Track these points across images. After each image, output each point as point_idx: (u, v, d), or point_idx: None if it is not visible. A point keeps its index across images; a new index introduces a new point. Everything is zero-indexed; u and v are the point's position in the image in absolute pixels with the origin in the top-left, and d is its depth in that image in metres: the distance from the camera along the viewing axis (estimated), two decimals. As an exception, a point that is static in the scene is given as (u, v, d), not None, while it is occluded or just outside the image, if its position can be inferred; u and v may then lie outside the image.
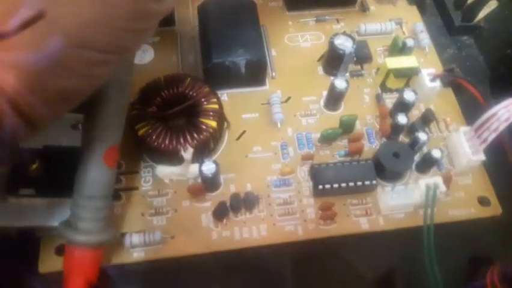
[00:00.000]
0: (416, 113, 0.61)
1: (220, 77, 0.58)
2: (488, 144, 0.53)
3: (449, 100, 0.62)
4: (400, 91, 0.57)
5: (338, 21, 0.68)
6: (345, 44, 0.59)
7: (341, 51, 0.59)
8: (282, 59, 0.64)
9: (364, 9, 0.69)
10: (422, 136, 0.54)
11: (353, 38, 0.60)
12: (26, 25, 0.25)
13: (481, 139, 0.54)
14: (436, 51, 0.67)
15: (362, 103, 0.61)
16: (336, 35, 0.60)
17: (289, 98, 0.61)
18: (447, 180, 0.54)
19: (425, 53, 0.66)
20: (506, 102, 0.52)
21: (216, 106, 0.54)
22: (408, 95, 0.57)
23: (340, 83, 0.56)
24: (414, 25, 0.68)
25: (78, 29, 0.27)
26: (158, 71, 0.58)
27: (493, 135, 0.52)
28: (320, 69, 0.64)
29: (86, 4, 0.27)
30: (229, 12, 0.60)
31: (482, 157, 0.54)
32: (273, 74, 0.62)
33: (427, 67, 0.62)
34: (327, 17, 0.68)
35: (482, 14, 0.71)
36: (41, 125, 0.28)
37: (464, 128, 0.56)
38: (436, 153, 0.53)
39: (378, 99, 0.61)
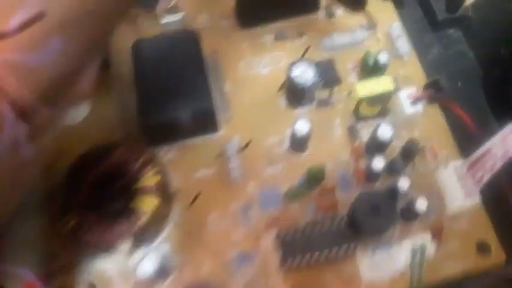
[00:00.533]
0: (396, 143, 0.52)
1: (162, 133, 0.50)
2: (484, 183, 0.45)
3: (436, 121, 0.53)
4: (374, 128, 0.48)
5: (300, 34, 0.58)
6: (304, 76, 0.50)
7: (299, 87, 0.49)
8: (238, 94, 0.55)
9: (329, 14, 0.59)
10: (402, 184, 0.46)
11: (314, 65, 0.50)
12: (26, 25, 0.26)
13: (476, 178, 0.45)
14: (418, 55, 0.57)
15: (333, 138, 0.52)
16: (293, 64, 0.50)
17: (249, 142, 0.52)
18: (437, 233, 0.46)
19: (403, 62, 0.56)
20: (503, 132, 0.43)
21: (158, 178, 0.45)
22: (384, 132, 0.48)
23: (300, 127, 0.48)
24: (390, 28, 0.57)
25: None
26: (93, 132, 0.50)
27: (489, 175, 0.44)
28: (283, 102, 0.54)
29: None
30: (169, 50, 0.51)
31: (477, 199, 0.46)
32: (228, 114, 0.53)
33: (407, 82, 0.52)
34: (285, 32, 0.57)
35: (469, 1, 0.60)
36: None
37: (455, 164, 0.48)
38: (421, 205, 0.45)
39: (351, 132, 0.52)
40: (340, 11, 0.60)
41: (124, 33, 0.58)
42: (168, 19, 0.56)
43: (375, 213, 0.45)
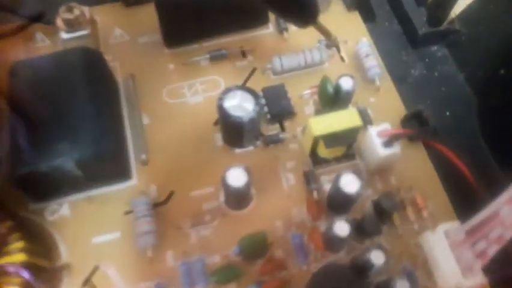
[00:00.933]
0: (367, 193, 0.38)
1: (44, 186, 0.36)
2: (488, 259, 0.31)
3: (420, 162, 0.40)
4: (335, 177, 0.35)
5: (243, 54, 0.45)
6: (243, 106, 0.36)
7: (237, 120, 0.36)
8: (160, 128, 0.41)
9: (280, 29, 0.46)
10: (375, 258, 0.32)
11: (254, 95, 0.37)
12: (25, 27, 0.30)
13: (477, 251, 0.31)
14: (395, 79, 0.44)
15: (284, 188, 0.39)
16: (227, 91, 0.37)
17: (171, 194, 0.38)
18: None
19: (375, 87, 0.43)
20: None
21: (21, 257, 0.31)
22: (348, 182, 0.34)
23: (234, 179, 0.34)
24: (358, 45, 0.44)
25: None
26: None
27: (495, 248, 0.30)
28: (219, 139, 0.41)
29: None
30: (56, 75, 0.38)
31: (479, 280, 0.32)
32: (143, 156, 0.39)
33: (380, 112, 0.39)
34: (224, 51, 0.44)
35: (455, 12, 0.47)
36: None
37: (446, 226, 0.34)
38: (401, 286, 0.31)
39: (308, 179, 0.39)
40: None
41: (16, 51, 0.44)
42: (70, 35, 0.42)
43: (337, 300, 0.32)
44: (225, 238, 0.37)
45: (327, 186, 0.39)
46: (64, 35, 0.43)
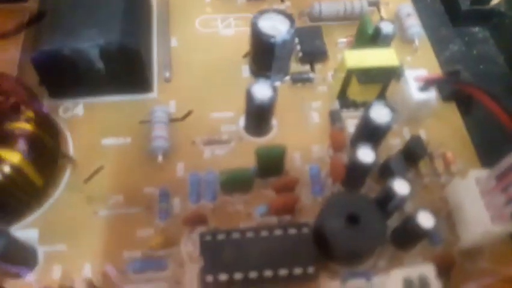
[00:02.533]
0: (395, 143, 0.36)
1: (59, 76, 0.34)
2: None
3: (452, 122, 0.38)
4: (366, 108, 0.33)
5: (282, -1, 0.44)
6: (278, 28, 0.35)
7: (270, 41, 0.34)
8: (187, 52, 0.40)
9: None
10: (400, 187, 0.29)
11: (290, 19, 0.35)
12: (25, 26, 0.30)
13: (509, 195, 0.29)
14: (433, 47, 0.43)
15: (308, 124, 0.37)
16: (262, 12, 0.36)
17: (190, 112, 0.36)
18: (444, 269, 0.29)
19: (413, 47, 0.41)
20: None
21: (29, 127, 0.29)
22: (379, 113, 0.32)
23: (260, 92, 0.32)
24: (398, 6, 0.43)
25: None
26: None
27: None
28: (245, 70, 0.39)
29: None
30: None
31: (510, 227, 0.29)
32: (167, 74, 0.38)
33: (416, 68, 0.37)
34: (264, -7, 0.43)
35: (502, -5, 0.46)
36: None
37: (477, 172, 0.32)
38: (426, 221, 0.29)
39: (333, 118, 0.37)
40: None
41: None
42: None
43: (352, 225, 0.29)
44: (240, 161, 0.35)
45: (352, 129, 0.37)
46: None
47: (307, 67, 0.40)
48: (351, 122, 0.38)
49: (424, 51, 0.43)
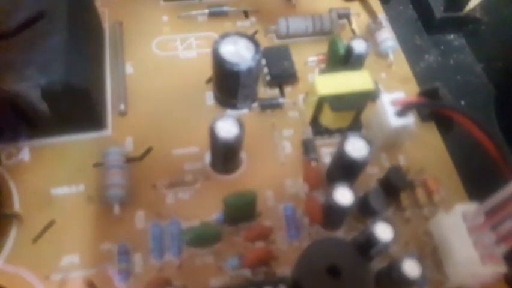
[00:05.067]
0: (373, 171, 0.33)
1: (7, 120, 0.30)
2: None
3: (432, 143, 0.36)
4: (341, 140, 0.30)
5: (246, 14, 0.40)
6: (241, 54, 0.32)
7: (233, 68, 0.31)
8: (144, 80, 0.37)
9: (290, -6, 0.42)
10: (383, 232, 0.27)
11: (255, 42, 0.32)
12: (25, 25, 0.28)
13: (499, 234, 0.27)
14: (408, 59, 0.40)
15: (279, 156, 0.34)
16: (224, 36, 0.32)
17: (149, 149, 0.33)
18: None
19: (388, 62, 0.39)
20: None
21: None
22: (355, 146, 0.29)
23: (225, 128, 0.29)
24: (371, 18, 0.40)
25: None
26: None
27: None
28: (209, 97, 0.36)
29: None
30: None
31: (501, 268, 0.27)
32: (122, 107, 0.34)
33: (391, 89, 0.35)
34: (225, 8, 0.39)
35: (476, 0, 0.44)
36: None
37: (463, 207, 0.29)
38: (412, 270, 0.26)
39: (306, 149, 0.34)
40: (304, -9, 0.43)
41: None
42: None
43: (334, 278, 0.26)
44: (207, 203, 0.32)
45: (327, 159, 0.34)
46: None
47: (276, 90, 0.37)
48: (325, 151, 0.35)
49: (399, 66, 0.40)
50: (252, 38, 0.33)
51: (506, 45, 0.42)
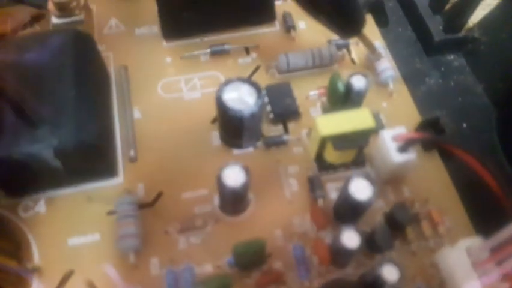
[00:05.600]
0: (378, 205, 0.34)
1: (14, 178, 0.32)
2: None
3: (435, 173, 0.37)
4: (345, 183, 0.31)
5: (247, 50, 0.41)
6: (244, 99, 0.33)
7: (237, 115, 0.32)
8: (152, 124, 0.37)
9: (288, 27, 0.43)
10: (390, 274, 0.28)
11: (257, 88, 0.33)
12: (25, 26, 0.29)
13: (504, 270, 0.27)
14: (408, 85, 0.41)
15: (286, 194, 0.35)
16: (227, 82, 0.33)
17: (159, 195, 0.34)
18: None
19: (388, 91, 0.39)
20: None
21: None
22: (359, 189, 0.30)
23: (231, 178, 0.30)
24: (370, 47, 0.41)
25: None
26: None
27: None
28: (215, 137, 0.37)
29: None
30: (40, 56, 0.34)
31: (506, 304, 0.28)
32: (132, 153, 0.35)
33: (394, 119, 0.36)
34: (226, 47, 0.40)
35: (474, 19, 0.44)
36: None
37: (468, 242, 0.30)
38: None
39: (313, 186, 0.35)
40: (303, 23, 0.44)
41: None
42: (62, 20, 0.39)
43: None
44: (218, 246, 0.33)
45: (333, 195, 0.35)
46: (55, 20, 0.40)
47: (280, 127, 0.38)
48: (332, 186, 0.36)
49: (400, 94, 0.41)
50: (253, 83, 0.34)
51: (506, 65, 0.42)
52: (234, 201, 0.33)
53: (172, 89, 0.40)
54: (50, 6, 0.40)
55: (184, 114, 0.39)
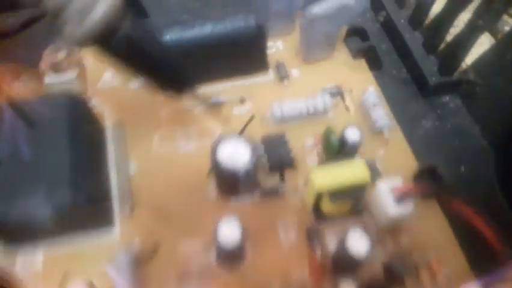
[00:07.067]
0: (378, 257, 0.34)
1: (10, 236, 0.32)
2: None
3: (434, 221, 0.36)
4: (342, 236, 0.30)
5: (242, 100, 0.42)
6: (239, 156, 0.33)
7: (232, 173, 0.32)
8: (148, 177, 0.38)
9: (281, 76, 0.43)
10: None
11: (251, 144, 0.33)
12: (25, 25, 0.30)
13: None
14: (404, 128, 0.41)
15: (284, 245, 0.35)
16: (221, 140, 0.33)
17: (156, 248, 0.34)
18: None
19: (384, 139, 0.39)
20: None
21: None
22: (356, 241, 0.30)
23: (226, 234, 0.30)
24: (364, 95, 0.41)
25: None
26: None
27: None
28: (212, 190, 0.37)
29: None
30: (31, 124, 0.34)
31: None
32: (130, 205, 0.36)
33: (389, 166, 0.35)
34: (221, 98, 0.41)
35: (469, 61, 0.45)
36: None
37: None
38: None
39: (311, 237, 0.34)
40: (296, 71, 0.44)
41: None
42: (54, 79, 0.40)
43: None
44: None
45: (332, 244, 0.35)
46: (48, 79, 0.40)
47: (276, 176, 0.38)
48: (331, 234, 0.36)
49: (396, 141, 0.41)
50: (247, 140, 0.34)
51: (502, 106, 0.42)
52: (231, 256, 0.33)
53: (168, 142, 0.40)
54: (44, 66, 0.40)
55: (181, 166, 0.39)
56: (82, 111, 0.36)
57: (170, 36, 0.39)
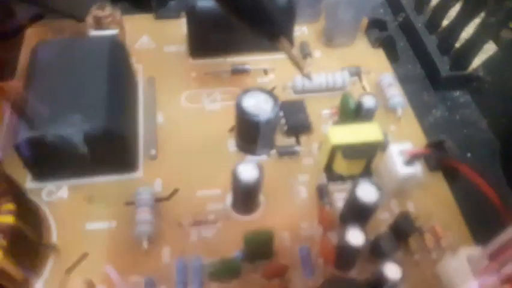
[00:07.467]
0: (383, 217, 0.36)
1: (42, 161, 0.34)
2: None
3: (439, 192, 0.38)
4: (353, 186, 0.32)
5: (265, 72, 0.44)
6: (261, 107, 0.35)
7: (254, 119, 0.34)
8: (172, 129, 0.40)
9: (305, 54, 0.46)
10: (391, 272, 0.29)
11: (273, 97, 0.36)
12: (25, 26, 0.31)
13: (504, 274, 0.28)
14: (415, 114, 0.43)
15: (295, 199, 0.36)
16: (246, 91, 0.36)
17: (175, 191, 0.36)
18: None
19: (396, 117, 0.42)
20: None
21: (10, 219, 0.29)
22: (366, 192, 0.32)
23: (246, 173, 0.32)
24: (380, 76, 0.44)
25: None
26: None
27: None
28: (232, 144, 0.39)
29: None
30: (77, 57, 0.37)
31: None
32: (153, 152, 0.38)
33: (400, 140, 0.38)
34: (247, 66, 0.44)
35: (478, 61, 0.48)
36: None
37: (468, 250, 0.31)
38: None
39: (321, 194, 0.36)
40: (318, 53, 0.47)
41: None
42: (98, 32, 0.43)
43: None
44: (227, 241, 0.34)
45: (340, 203, 0.37)
46: (92, 32, 0.43)
47: (292, 139, 0.40)
48: (339, 196, 0.38)
49: (407, 120, 0.43)
50: (271, 93, 0.37)
51: (510, 102, 0.45)
52: (245, 198, 0.35)
53: (195, 100, 0.43)
54: (89, 19, 0.43)
55: (204, 122, 0.41)
56: (122, 56, 0.39)
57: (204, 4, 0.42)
